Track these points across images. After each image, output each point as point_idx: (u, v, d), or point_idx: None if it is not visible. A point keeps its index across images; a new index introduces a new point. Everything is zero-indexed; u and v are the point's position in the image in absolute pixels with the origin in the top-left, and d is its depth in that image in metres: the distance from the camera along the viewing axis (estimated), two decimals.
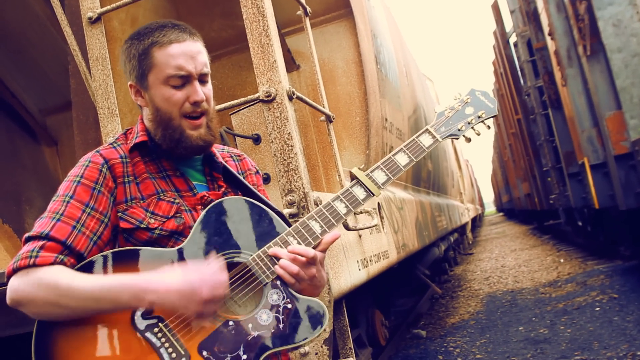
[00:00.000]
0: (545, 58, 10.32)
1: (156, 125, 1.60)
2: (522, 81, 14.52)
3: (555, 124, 10.66)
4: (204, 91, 1.58)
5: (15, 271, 1.42)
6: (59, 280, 1.39)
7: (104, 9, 2.79)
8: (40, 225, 1.47)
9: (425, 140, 1.69)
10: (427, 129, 1.71)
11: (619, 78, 6.76)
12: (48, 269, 1.41)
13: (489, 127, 1.77)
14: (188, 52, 1.56)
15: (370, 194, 1.63)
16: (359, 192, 1.63)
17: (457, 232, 14.55)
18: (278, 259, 1.52)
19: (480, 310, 7.91)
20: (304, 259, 1.51)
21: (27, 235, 1.47)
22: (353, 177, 1.65)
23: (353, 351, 2.89)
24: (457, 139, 1.74)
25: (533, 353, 5.28)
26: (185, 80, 1.56)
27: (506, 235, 23.98)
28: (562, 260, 11.34)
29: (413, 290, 9.24)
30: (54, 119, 5.13)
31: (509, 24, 15.05)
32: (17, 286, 1.41)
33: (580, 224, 11.73)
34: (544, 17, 9.23)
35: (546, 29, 9.29)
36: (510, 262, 13.03)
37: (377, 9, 5.67)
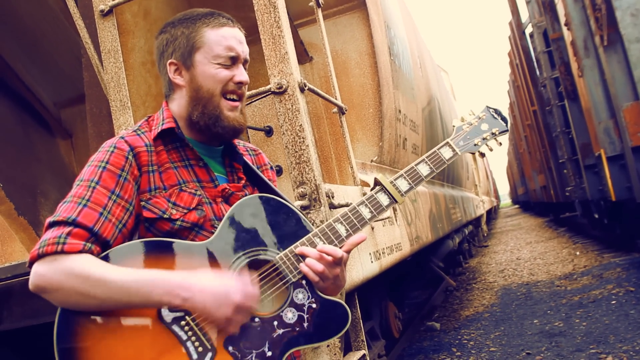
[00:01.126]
0: (562, 49, 10.21)
1: (194, 104, 1.61)
2: (538, 72, 14.38)
3: (571, 115, 10.55)
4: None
5: (40, 257, 1.39)
6: (91, 270, 1.38)
7: (116, 1, 2.79)
8: (66, 209, 1.44)
9: (446, 153, 1.77)
10: (447, 142, 1.79)
11: (637, 69, 6.67)
12: (78, 257, 1.39)
13: (500, 144, 1.88)
14: (238, 36, 1.63)
15: (393, 201, 1.68)
16: (383, 199, 1.67)
17: (472, 225, 14.48)
18: (304, 257, 1.54)
19: (494, 302, 7.87)
20: (330, 258, 1.53)
21: (51, 219, 1.44)
22: (377, 183, 1.69)
23: (365, 343, 2.88)
24: (474, 153, 1.84)
25: (548, 346, 5.25)
26: (233, 61, 1.61)
27: (521, 228, 23.84)
28: (578, 253, 11.25)
29: (427, 282, 9.22)
30: (69, 112, 5.16)
31: (524, 15, 14.92)
32: (43, 272, 1.38)
33: (596, 216, 11.60)
34: (560, 7, 9.12)
35: (562, 19, 9.18)
36: (525, 254, 12.96)
37: None
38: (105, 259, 1.43)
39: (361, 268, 2.93)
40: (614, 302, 6.40)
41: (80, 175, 1.52)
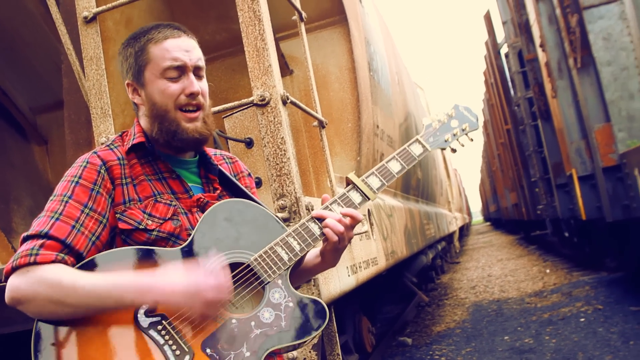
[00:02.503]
0: (536, 69, 10.41)
1: (152, 120, 1.61)
2: (512, 92, 14.63)
3: (544, 135, 10.74)
4: (200, 85, 1.62)
5: (14, 270, 1.41)
6: (62, 278, 1.39)
7: (100, 8, 2.78)
8: (39, 224, 1.46)
9: (416, 150, 1.78)
10: (417, 139, 1.80)
11: (608, 91, 6.83)
12: (49, 267, 1.40)
13: (472, 140, 1.88)
14: (183, 46, 1.61)
15: (365, 198, 1.69)
16: (355, 197, 1.69)
17: (445, 241, 14.61)
18: (321, 220, 1.61)
19: (466, 319, 7.93)
20: (348, 220, 1.63)
21: (25, 234, 1.46)
22: (349, 182, 1.70)
23: (340, 357, 2.89)
24: (444, 149, 1.84)
25: None
26: (180, 72, 1.59)
27: (493, 245, 24.07)
28: (548, 271, 11.40)
29: (400, 297, 9.26)
30: (45, 118, 5.10)
31: (500, 35, 15.18)
32: (17, 284, 1.39)
33: (566, 234, 11.80)
34: (536, 29, 9.31)
35: (537, 41, 9.37)
36: (496, 271, 13.08)
37: (371, 16, 5.70)
38: (80, 268, 1.44)
39: (338, 281, 2.94)
40: (582, 319, 6.49)
41: (54, 191, 1.54)
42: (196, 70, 1.62)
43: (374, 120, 4.90)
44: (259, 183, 2.85)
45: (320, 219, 1.62)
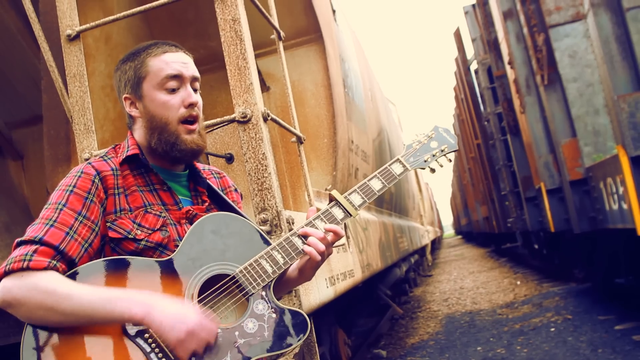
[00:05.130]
0: (505, 86, 10.64)
1: (151, 132, 1.67)
2: (482, 107, 14.88)
3: (513, 149, 10.96)
4: (197, 97, 1.70)
5: (7, 274, 1.45)
6: (57, 286, 1.43)
7: (83, 27, 2.83)
8: (33, 230, 1.50)
9: (397, 169, 1.83)
10: (398, 159, 1.84)
11: (574, 107, 7.02)
12: (44, 274, 1.44)
13: (450, 160, 1.94)
14: (181, 59, 1.69)
15: (347, 214, 1.74)
16: (338, 213, 1.74)
17: (418, 254, 14.73)
18: (306, 237, 1.66)
19: (439, 330, 8.03)
20: (330, 236, 1.68)
21: (18, 239, 1.50)
22: (332, 198, 1.76)
23: None
24: (424, 169, 1.88)
25: None
26: (179, 83, 1.66)
27: (464, 258, 24.31)
28: (518, 282, 11.59)
29: (374, 310, 9.33)
30: (21, 133, 5.08)
31: (470, 52, 15.47)
32: (9, 287, 1.43)
33: (536, 246, 12.02)
34: (504, 46, 9.54)
35: (506, 58, 9.60)
36: (468, 283, 13.24)
37: (345, 34, 5.82)
38: (71, 277, 1.48)
39: (318, 293, 3.01)
40: (553, 329, 6.64)
41: (48, 200, 1.58)
42: (193, 82, 1.69)
43: (349, 136, 5.00)
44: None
45: (304, 236, 1.68)
